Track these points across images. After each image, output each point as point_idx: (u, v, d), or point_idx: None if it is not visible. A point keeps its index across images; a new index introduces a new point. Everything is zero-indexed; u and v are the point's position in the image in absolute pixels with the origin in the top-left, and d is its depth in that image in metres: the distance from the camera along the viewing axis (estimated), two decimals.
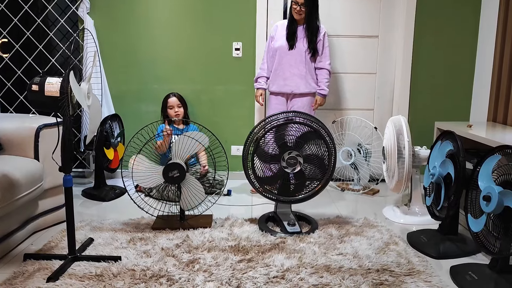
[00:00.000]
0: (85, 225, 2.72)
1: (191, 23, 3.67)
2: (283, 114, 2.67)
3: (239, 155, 3.20)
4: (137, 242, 2.47)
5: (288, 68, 3.26)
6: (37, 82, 2.10)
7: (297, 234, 2.61)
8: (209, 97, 3.77)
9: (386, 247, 2.44)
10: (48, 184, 2.65)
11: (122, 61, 3.71)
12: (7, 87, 3.62)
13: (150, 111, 3.76)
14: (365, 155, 3.54)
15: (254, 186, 2.69)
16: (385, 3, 3.68)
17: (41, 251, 2.36)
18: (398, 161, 2.83)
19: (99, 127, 3.21)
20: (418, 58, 3.70)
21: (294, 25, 3.24)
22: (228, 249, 2.39)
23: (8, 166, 2.33)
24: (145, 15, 3.65)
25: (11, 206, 2.26)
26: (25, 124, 2.63)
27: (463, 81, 3.74)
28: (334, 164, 2.65)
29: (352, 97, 3.81)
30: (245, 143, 2.64)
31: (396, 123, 2.91)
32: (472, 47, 3.69)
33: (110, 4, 3.62)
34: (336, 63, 3.71)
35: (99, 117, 2.56)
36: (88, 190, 3.39)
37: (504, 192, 1.93)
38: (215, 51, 3.70)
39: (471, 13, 3.64)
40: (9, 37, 3.57)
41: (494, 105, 3.30)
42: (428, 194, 2.61)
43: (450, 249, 2.42)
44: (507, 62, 3.14)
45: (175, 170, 2.61)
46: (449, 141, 2.45)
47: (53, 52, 3.65)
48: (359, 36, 3.72)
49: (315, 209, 3.11)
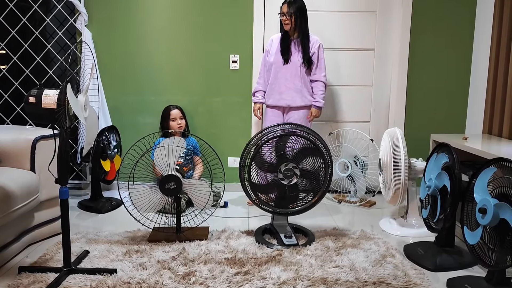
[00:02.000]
0: (81, 237, 2.71)
1: (188, 36, 3.70)
2: (279, 126, 2.68)
3: (236, 167, 3.20)
4: (133, 254, 2.46)
5: (284, 82, 3.28)
6: (34, 94, 2.10)
7: (294, 246, 2.60)
8: (206, 109, 3.79)
9: (382, 260, 2.44)
10: (44, 196, 2.64)
11: (119, 73, 3.73)
12: (4, 98, 3.63)
13: (147, 122, 3.76)
14: (362, 167, 3.55)
15: (250, 198, 2.69)
16: (381, 16, 3.72)
17: (36, 263, 2.35)
18: (394, 173, 2.83)
19: (96, 138, 3.21)
20: (414, 71, 3.73)
21: (288, 39, 3.27)
22: (225, 261, 2.38)
23: (3, 177, 2.32)
24: (143, 28, 3.68)
25: (7, 218, 2.24)
26: (22, 136, 2.62)
27: (458, 93, 3.77)
28: (331, 176, 2.66)
29: (348, 109, 3.83)
30: (242, 155, 2.65)
31: (392, 135, 2.92)
32: (467, 60, 3.73)
33: (108, 17, 3.65)
34: (332, 76, 3.74)
35: (96, 129, 2.56)
36: (84, 202, 3.37)
37: (500, 205, 1.93)
38: (212, 64, 3.73)
39: (466, 26, 3.68)
40: (7, 48, 3.58)
41: (489, 118, 3.32)
42: (424, 206, 2.61)
43: (447, 262, 2.41)
44: (501, 74, 3.17)
45: (171, 182, 2.61)
46: (444, 153, 2.46)
47: (50, 64, 3.66)
48: (355, 49, 3.75)
49: (311, 221, 3.10)
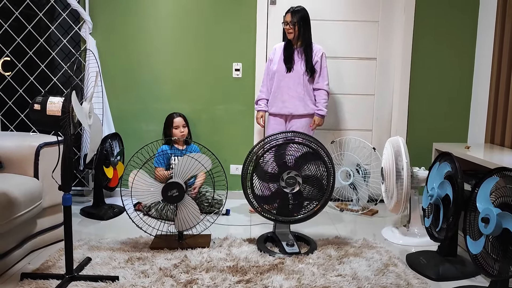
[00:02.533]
0: (83, 244, 2.71)
1: (192, 44, 3.73)
2: (282, 134, 2.69)
3: (238, 174, 3.20)
4: (135, 261, 2.46)
5: (287, 91, 3.29)
6: (39, 101, 2.12)
7: (296, 254, 2.60)
8: (209, 117, 3.80)
9: (385, 269, 2.43)
10: (47, 203, 2.64)
11: (123, 80, 3.75)
12: (8, 105, 3.65)
13: (150, 130, 3.78)
14: (364, 176, 3.55)
15: (253, 205, 2.69)
16: (383, 26, 3.74)
17: (38, 270, 2.35)
18: (396, 182, 2.83)
19: (99, 145, 3.22)
20: (416, 80, 3.74)
21: (291, 48, 3.29)
22: (227, 269, 2.38)
23: (7, 184, 2.33)
24: (147, 36, 3.71)
25: (10, 224, 2.25)
26: (26, 143, 2.64)
27: (460, 102, 3.78)
28: (333, 184, 2.66)
29: (350, 117, 3.84)
30: (244, 163, 2.66)
31: (394, 144, 2.92)
32: (469, 69, 3.74)
33: (112, 25, 3.68)
34: (335, 85, 3.75)
35: (99, 136, 2.57)
36: (86, 209, 3.38)
37: (503, 214, 1.93)
38: (215, 72, 3.75)
39: (468, 35, 3.70)
40: (12, 56, 3.61)
41: (492, 127, 3.33)
42: (427, 215, 2.61)
43: (450, 271, 2.41)
44: (503, 83, 3.18)
45: (174, 189, 2.61)
46: (447, 163, 2.46)
47: (55, 72, 3.68)
48: (358, 58, 3.77)
49: (313, 229, 3.10)
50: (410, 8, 3.66)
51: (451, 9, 3.67)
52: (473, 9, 3.67)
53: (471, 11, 3.67)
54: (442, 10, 3.68)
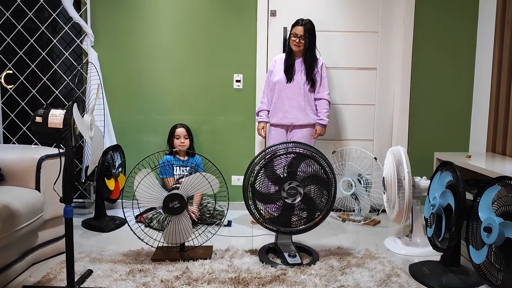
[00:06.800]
0: (85, 256, 2.70)
1: (193, 55, 3.75)
2: (283, 144, 2.69)
3: (240, 185, 3.20)
4: (136, 274, 2.45)
5: (288, 101, 3.31)
6: (40, 114, 2.13)
7: (298, 265, 2.58)
8: (210, 128, 3.81)
9: (388, 279, 2.42)
10: (49, 215, 2.64)
11: (124, 92, 3.77)
12: (11, 118, 3.67)
13: (151, 141, 3.79)
14: (366, 186, 3.54)
15: (254, 216, 2.69)
16: (383, 36, 3.77)
17: (39, 283, 2.34)
18: (398, 191, 2.83)
19: (101, 157, 3.23)
20: (416, 89, 3.75)
21: (292, 58, 3.32)
22: (228, 281, 2.37)
23: (8, 196, 2.33)
24: (148, 48, 3.74)
25: (11, 237, 2.25)
26: (27, 155, 2.64)
27: (461, 111, 3.78)
28: (335, 195, 2.65)
29: (351, 127, 3.85)
30: (246, 174, 2.66)
31: (395, 154, 2.92)
32: (469, 78, 3.75)
33: (114, 38, 3.71)
34: (336, 95, 3.76)
35: (101, 148, 2.58)
36: (88, 221, 3.37)
37: (505, 223, 1.92)
38: (216, 83, 3.77)
39: (468, 44, 3.72)
40: (14, 69, 3.64)
41: (493, 136, 3.32)
42: (429, 225, 2.60)
43: (453, 281, 2.39)
44: (504, 92, 3.19)
45: (176, 201, 2.61)
46: (448, 172, 2.46)
47: (57, 84, 3.71)
48: (358, 68, 3.79)
49: (316, 240, 3.09)
50: (409, 19, 3.68)
51: (450, 19, 3.70)
52: (472, 19, 3.70)
53: (470, 20, 3.70)
54: (441, 21, 3.70)
